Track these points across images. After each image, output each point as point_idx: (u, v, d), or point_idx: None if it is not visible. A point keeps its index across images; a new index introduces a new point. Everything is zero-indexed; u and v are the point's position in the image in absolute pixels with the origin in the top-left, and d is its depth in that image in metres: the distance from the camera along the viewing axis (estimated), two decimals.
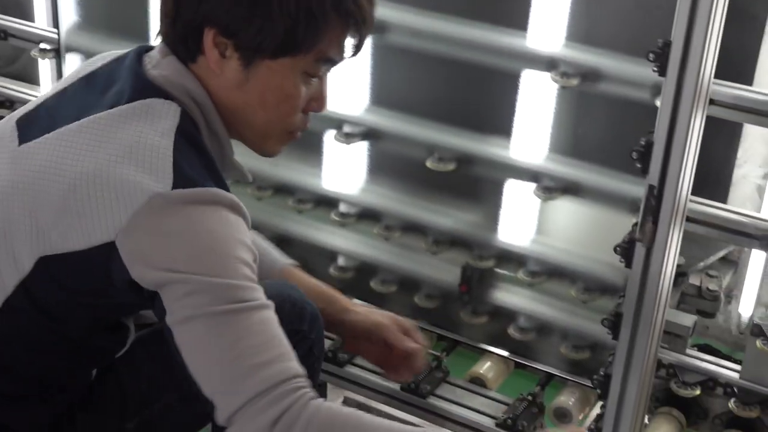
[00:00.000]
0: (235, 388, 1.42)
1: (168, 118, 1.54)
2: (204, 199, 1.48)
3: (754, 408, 2.17)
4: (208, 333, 1.43)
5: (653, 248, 1.88)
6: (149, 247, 1.45)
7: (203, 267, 1.44)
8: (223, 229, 1.48)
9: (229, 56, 1.58)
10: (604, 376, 2.06)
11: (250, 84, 1.59)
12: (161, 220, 1.45)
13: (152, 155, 1.49)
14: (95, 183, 1.48)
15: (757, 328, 2.12)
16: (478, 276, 2.37)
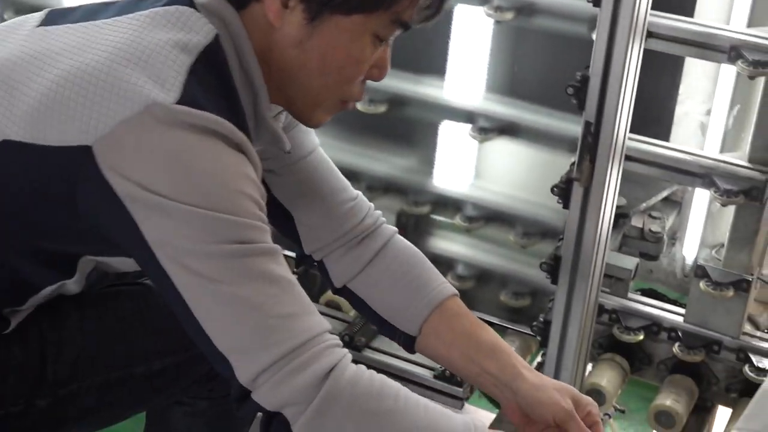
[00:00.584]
0: (261, 343, 1.24)
1: (200, 34, 1.34)
2: (209, 128, 1.26)
3: (698, 352, 2.18)
4: (220, 275, 1.23)
5: (591, 188, 1.86)
6: (137, 165, 1.24)
7: (203, 197, 1.23)
8: (227, 160, 1.27)
9: (292, 6, 1.37)
10: (543, 322, 2.05)
11: (313, 42, 1.38)
12: (154, 136, 1.24)
13: (164, 64, 1.29)
14: (88, 76, 1.29)
15: (700, 270, 2.13)
16: (413, 223, 2.35)
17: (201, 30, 1.35)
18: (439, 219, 2.35)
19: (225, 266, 1.23)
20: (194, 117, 1.25)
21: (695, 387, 2.23)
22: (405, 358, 2.25)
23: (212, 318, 1.24)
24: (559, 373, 2.06)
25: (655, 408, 2.18)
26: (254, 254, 1.25)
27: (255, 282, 1.24)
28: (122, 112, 1.25)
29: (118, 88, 1.27)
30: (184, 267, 1.24)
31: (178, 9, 1.36)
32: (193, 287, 1.24)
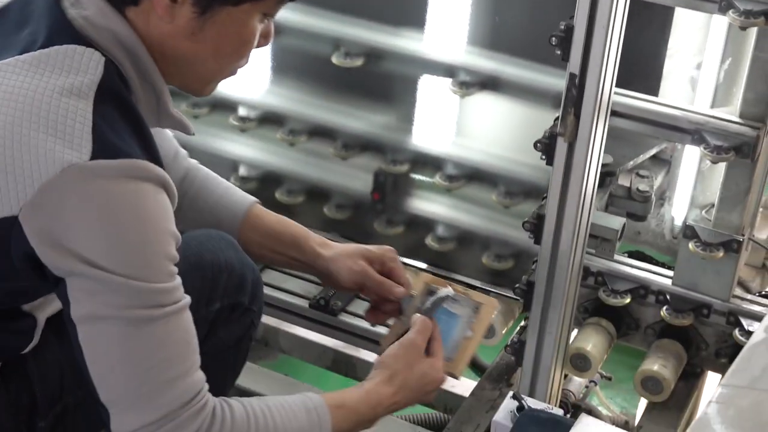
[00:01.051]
0: (140, 405, 1.40)
1: (88, 72, 1.39)
2: (129, 173, 1.34)
3: (687, 316, 2.16)
4: (118, 338, 1.37)
5: (576, 143, 1.83)
6: (61, 228, 1.33)
7: (125, 265, 1.34)
8: (151, 214, 1.36)
9: (181, 2, 1.43)
10: (526, 284, 2.03)
11: (204, 33, 1.46)
12: (76, 198, 1.32)
13: (67, 117, 1.34)
14: (1, 149, 1.33)
15: (690, 230, 2.11)
16: (392, 182, 2.34)
17: (88, 66, 1.39)
18: (418, 178, 2.33)
19: (130, 331, 1.37)
20: (111, 169, 1.33)
21: (683, 352, 2.20)
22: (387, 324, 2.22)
23: (104, 372, 1.39)
24: (542, 338, 2.03)
25: (641, 373, 2.16)
26: (160, 318, 1.38)
27: (151, 348, 1.39)
28: (39, 178, 1.31)
29: (29, 154, 1.32)
30: (92, 322, 1.37)
31: (59, 50, 1.39)
32: (93, 341, 1.38)
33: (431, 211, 2.34)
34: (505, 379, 2.32)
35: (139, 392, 1.39)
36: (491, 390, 2.29)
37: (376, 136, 2.33)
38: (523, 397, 1.73)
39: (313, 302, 2.24)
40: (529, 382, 2.08)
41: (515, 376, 2.30)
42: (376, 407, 1.63)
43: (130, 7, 1.44)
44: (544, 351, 2.04)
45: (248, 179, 2.48)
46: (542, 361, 2.05)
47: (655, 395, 2.16)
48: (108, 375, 1.39)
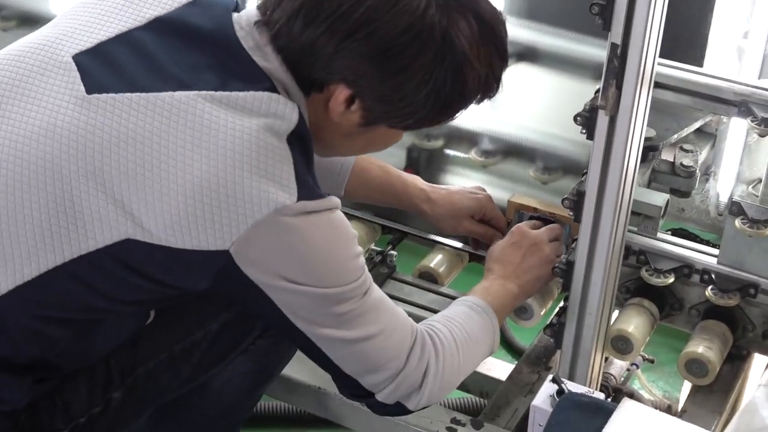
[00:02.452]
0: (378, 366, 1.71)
1: (285, 118, 1.54)
2: (322, 208, 1.57)
3: (733, 296, 2.15)
4: (339, 327, 1.63)
5: (617, 117, 1.81)
6: (271, 258, 1.54)
7: (328, 279, 1.59)
8: (340, 231, 1.60)
9: (353, 110, 1.62)
10: (566, 263, 2.02)
11: (361, 137, 1.68)
12: (286, 232, 1.53)
13: (275, 159, 1.51)
14: (215, 186, 1.49)
15: (736, 206, 2.09)
16: (426, 158, 2.33)
17: (285, 114, 1.55)
18: (453, 154, 2.33)
19: (341, 321, 1.63)
20: (311, 207, 1.54)
21: (729, 333, 2.19)
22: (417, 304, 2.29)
23: (339, 357, 1.68)
24: (582, 319, 2.02)
25: (685, 356, 2.15)
26: (361, 306, 1.65)
27: (364, 326, 1.66)
28: (252, 216, 1.49)
29: (242, 194, 1.49)
30: (312, 323, 1.63)
31: (255, 96, 1.54)
32: (322, 336, 1.64)
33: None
34: (544, 362, 2.32)
35: (369, 359, 1.69)
36: (529, 373, 2.29)
37: None
38: (563, 381, 1.73)
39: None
40: (568, 365, 2.07)
41: (554, 359, 2.29)
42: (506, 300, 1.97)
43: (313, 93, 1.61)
44: (584, 333, 2.03)
45: None
46: (582, 343, 2.04)
47: (700, 378, 2.15)
48: (346, 359, 1.68)
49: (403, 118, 1.65)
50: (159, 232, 1.50)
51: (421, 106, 1.62)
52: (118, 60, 1.57)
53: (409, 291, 2.29)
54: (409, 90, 1.59)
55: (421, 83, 1.58)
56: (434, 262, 2.35)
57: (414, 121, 1.66)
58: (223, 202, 1.49)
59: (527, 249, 2.02)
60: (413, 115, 1.64)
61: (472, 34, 1.62)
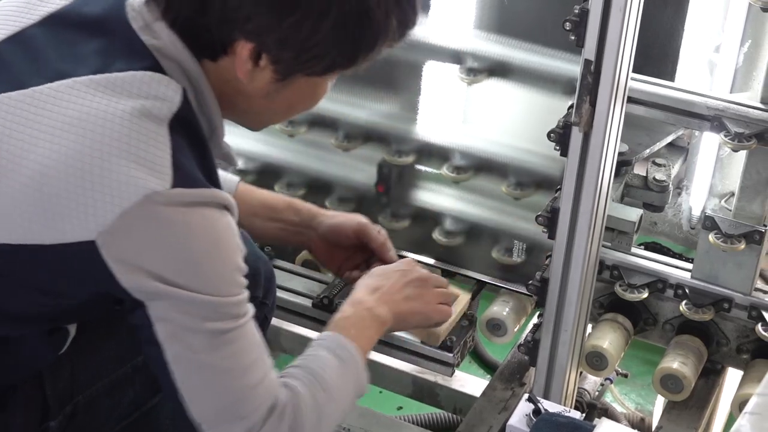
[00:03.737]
0: (232, 414, 1.51)
1: (167, 100, 1.46)
2: (204, 201, 1.44)
3: (707, 310, 2.17)
4: (205, 354, 1.48)
5: (591, 132, 1.83)
6: (142, 253, 1.41)
7: (205, 284, 1.45)
8: (223, 236, 1.47)
9: (263, 66, 1.51)
10: (540, 280, 2.03)
11: (280, 94, 1.56)
12: (158, 223, 1.41)
13: (148, 144, 1.41)
14: (72, 169, 1.39)
15: (709, 221, 2.11)
16: (396, 174, 2.33)
17: (166, 96, 1.46)
18: (424, 170, 2.32)
19: (207, 339, 1.47)
20: (189, 196, 1.42)
21: (704, 348, 2.21)
22: None
23: (193, 388, 1.50)
24: (557, 335, 2.04)
25: (660, 371, 2.17)
26: (239, 328, 1.50)
27: (230, 356, 1.49)
28: (120, 204, 1.38)
29: (110, 179, 1.38)
30: (179, 341, 1.47)
31: (135, 76, 1.45)
32: (182, 360, 1.48)
33: (438, 204, 2.33)
34: (518, 378, 2.33)
35: (230, 401, 1.50)
36: (503, 390, 2.30)
37: (380, 126, 2.32)
38: (540, 400, 1.74)
39: (316, 301, 2.23)
40: (543, 381, 2.09)
41: (528, 375, 2.30)
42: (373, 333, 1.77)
43: (207, 60, 1.51)
44: (559, 350, 2.05)
45: (246, 172, 2.46)
46: (557, 360, 2.06)
47: (675, 394, 2.17)
48: (199, 390, 1.50)
49: (315, 61, 1.51)
50: (16, 228, 1.42)
51: (330, 45, 1.50)
52: (8, 59, 1.53)
53: None
54: (310, 27, 1.47)
55: (321, 16, 1.46)
56: None
57: (328, 64, 1.52)
58: (88, 189, 1.39)
59: (412, 280, 1.88)
60: (325, 56, 1.51)
61: None
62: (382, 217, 2.37)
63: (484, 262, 2.30)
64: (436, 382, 2.49)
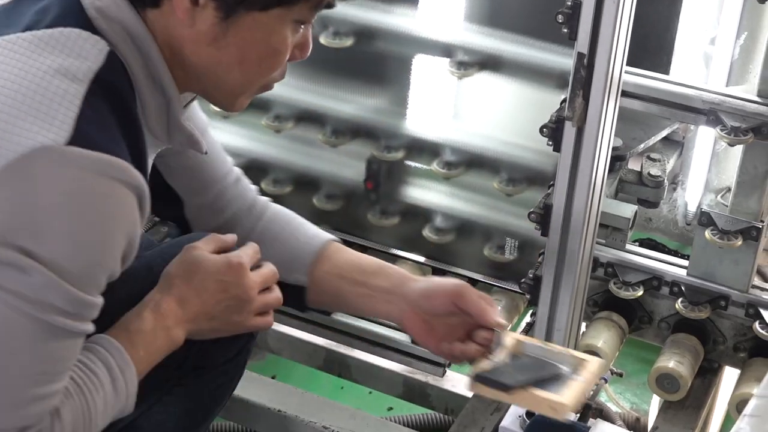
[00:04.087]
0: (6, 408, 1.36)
1: (89, 59, 1.38)
2: (104, 171, 1.33)
3: (703, 308, 2.16)
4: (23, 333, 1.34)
5: (585, 127, 1.82)
6: (13, 215, 1.31)
7: (68, 263, 1.33)
8: (113, 217, 1.36)
9: (203, 4, 1.42)
10: (533, 278, 2.02)
11: (228, 39, 1.45)
12: (41, 182, 1.30)
13: (53, 100, 1.33)
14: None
15: (705, 217, 2.10)
16: (385, 170, 2.32)
17: (89, 53, 1.37)
18: (414, 166, 2.31)
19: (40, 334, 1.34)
20: (85, 159, 1.31)
21: (700, 347, 2.20)
22: (380, 322, 2.21)
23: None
24: (551, 334, 2.02)
25: (656, 371, 2.15)
26: (73, 333, 1.37)
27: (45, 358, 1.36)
28: (6, 155, 1.29)
29: (4, 131, 1.30)
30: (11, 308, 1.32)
31: (62, 32, 1.38)
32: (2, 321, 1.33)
33: (428, 201, 2.32)
34: None
35: (12, 395, 1.36)
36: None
37: (368, 121, 2.31)
38: None
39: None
40: None
41: None
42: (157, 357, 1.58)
43: (150, 9, 1.44)
44: None
45: None
46: None
47: (672, 394, 2.15)
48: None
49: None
50: None
51: None
52: None
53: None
54: None
55: None
56: None
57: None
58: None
59: (231, 298, 1.64)
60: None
61: None
62: (371, 215, 2.36)
63: (475, 260, 2.29)
64: (427, 383, 2.46)
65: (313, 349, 2.50)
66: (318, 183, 2.40)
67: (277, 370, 2.76)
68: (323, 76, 2.31)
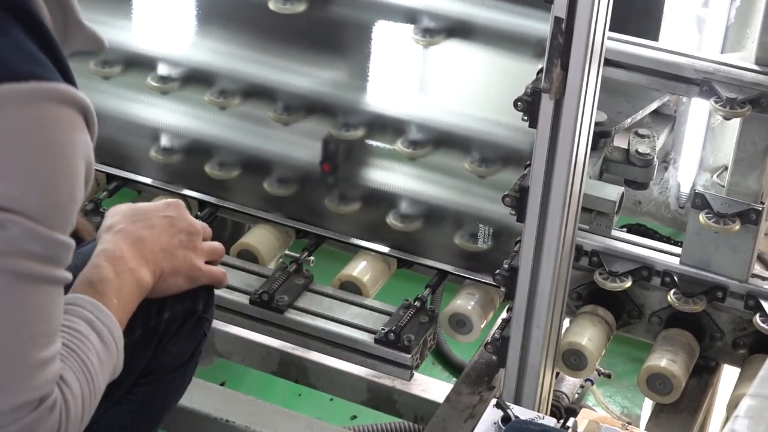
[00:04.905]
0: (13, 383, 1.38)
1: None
2: (40, 97, 1.33)
3: (698, 300, 2.18)
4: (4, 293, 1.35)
5: (564, 100, 1.82)
6: None
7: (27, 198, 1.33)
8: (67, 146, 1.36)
9: None
10: (509, 269, 2.02)
11: None
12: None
13: None
14: None
15: (700, 199, 2.11)
16: (344, 151, 2.33)
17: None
18: (376, 145, 2.32)
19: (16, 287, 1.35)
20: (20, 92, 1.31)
21: (696, 343, 2.21)
22: (339, 320, 2.23)
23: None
24: (529, 331, 2.03)
25: (647, 370, 2.17)
26: (51, 281, 1.38)
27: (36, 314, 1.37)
28: None
29: None
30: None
31: None
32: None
33: (392, 184, 2.33)
34: (486, 381, 2.33)
35: (19, 366, 1.37)
36: (469, 395, 2.29)
37: (325, 96, 2.31)
38: (509, 406, 1.73)
39: (254, 297, 2.22)
40: (514, 384, 2.08)
41: (497, 378, 2.30)
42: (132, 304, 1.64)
43: None
44: (531, 348, 2.04)
45: (172, 151, 2.45)
46: (529, 359, 2.05)
47: (664, 396, 2.17)
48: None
49: None
50: None
51: None
52: None
53: (329, 304, 2.27)
54: None
55: None
56: (357, 271, 2.34)
57: None
58: None
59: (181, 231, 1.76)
60: None
61: None
62: (328, 200, 2.37)
63: (445, 250, 2.30)
64: (394, 387, 2.48)
65: (266, 352, 2.51)
66: (269, 166, 2.41)
67: (227, 375, 2.77)
68: (273, 46, 2.32)
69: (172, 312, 1.77)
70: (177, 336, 1.79)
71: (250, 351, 2.52)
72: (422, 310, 2.22)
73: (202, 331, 1.83)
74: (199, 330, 1.82)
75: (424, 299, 2.24)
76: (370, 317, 2.25)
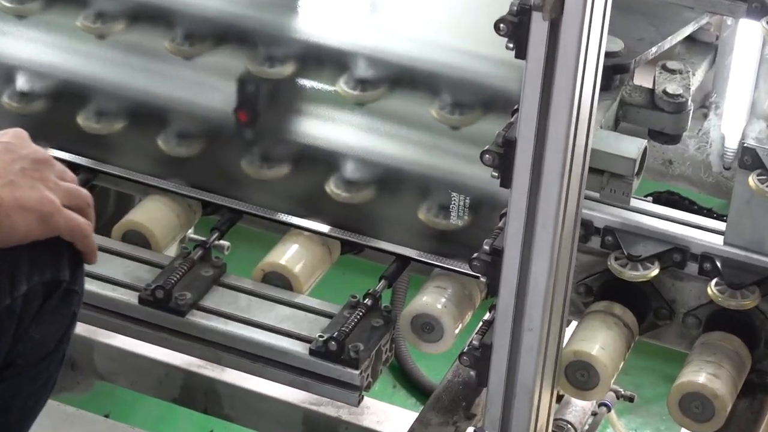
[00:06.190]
0: None
1: None
2: None
3: (749, 293, 2.19)
4: None
5: (562, 21, 1.82)
6: None
7: None
8: None
9: None
10: (491, 253, 2.03)
11: None
12: None
13: None
14: None
15: (750, 155, 2.12)
16: (267, 92, 2.35)
17: None
18: (310, 86, 2.33)
19: None
20: None
21: (746, 352, 2.24)
22: (259, 324, 2.24)
23: None
24: (518, 337, 2.04)
25: (680, 389, 2.18)
26: None
27: None
28: None
29: None
30: None
31: None
32: None
33: (334, 140, 2.35)
34: (462, 407, 2.34)
35: None
36: (440, 425, 2.31)
37: (240, 19, 2.33)
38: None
39: (145, 295, 2.22)
40: (499, 411, 2.09)
41: (478, 402, 2.31)
42: None
43: None
44: (522, 360, 2.05)
45: (32, 95, 2.48)
46: (520, 375, 2.06)
47: (703, 423, 2.18)
48: None
49: None
50: None
51: None
52: None
53: (248, 304, 2.28)
54: None
55: None
56: (286, 258, 2.36)
57: None
58: None
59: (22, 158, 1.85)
60: None
61: None
62: (246, 162, 2.39)
63: (406, 228, 2.33)
64: (339, 418, 2.50)
65: (163, 373, 2.52)
66: (165, 116, 2.43)
67: (112, 405, 2.78)
68: None
69: (29, 284, 1.79)
70: (39, 317, 1.81)
71: (141, 371, 2.53)
72: (375, 309, 2.24)
73: (71, 308, 1.87)
74: (67, 307, 1.85)
75: (378, 295, 2.26)
76: (304, 320, 2.27)
